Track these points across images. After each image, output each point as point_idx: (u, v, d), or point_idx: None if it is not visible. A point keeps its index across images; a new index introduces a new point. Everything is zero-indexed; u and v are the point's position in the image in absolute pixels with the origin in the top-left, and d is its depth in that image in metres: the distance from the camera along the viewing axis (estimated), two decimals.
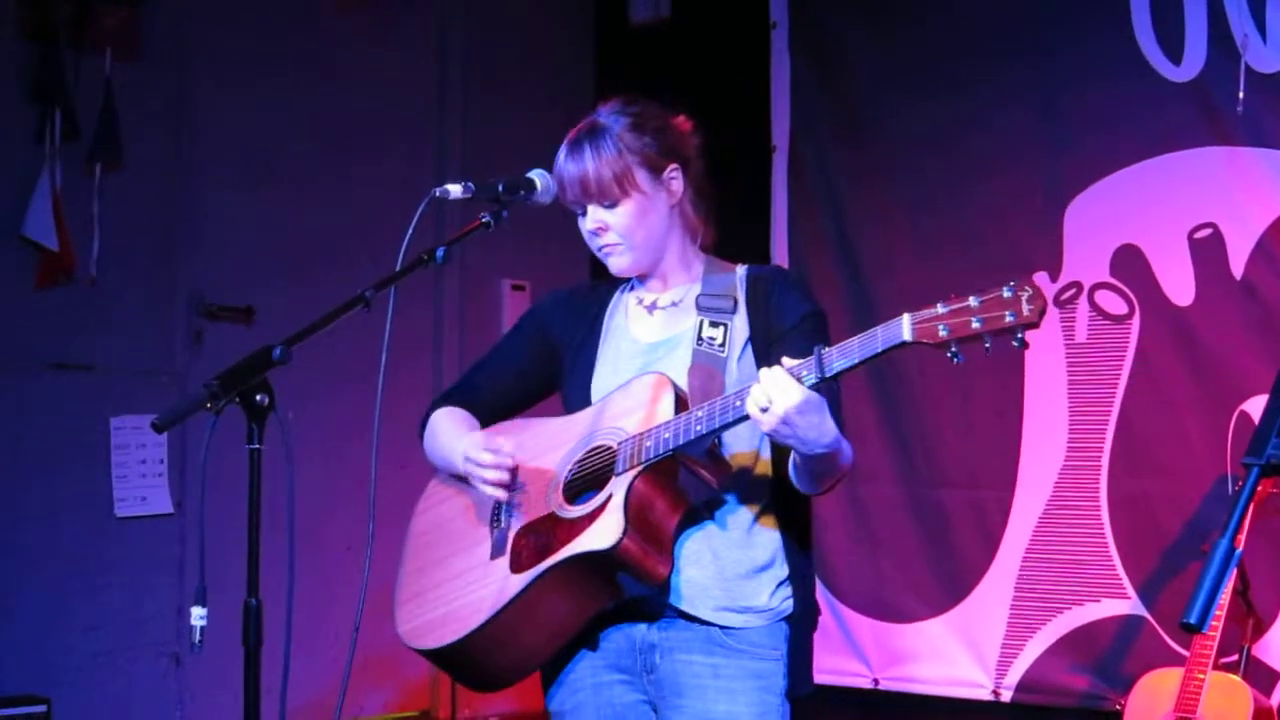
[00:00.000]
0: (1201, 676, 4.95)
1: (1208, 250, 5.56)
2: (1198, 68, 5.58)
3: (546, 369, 3.92)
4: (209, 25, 6.19)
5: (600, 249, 3.74)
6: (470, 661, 3.75)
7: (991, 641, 5.99)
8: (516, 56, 7.00)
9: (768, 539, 3.63)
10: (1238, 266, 5.49)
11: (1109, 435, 5.78)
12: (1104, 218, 5.79)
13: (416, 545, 4.00)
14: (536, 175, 3.76)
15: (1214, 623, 4.96)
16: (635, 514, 3.48)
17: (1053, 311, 5.87)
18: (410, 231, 3.63)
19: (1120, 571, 5.74)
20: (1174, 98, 5.63)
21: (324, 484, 6.08)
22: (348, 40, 6.55)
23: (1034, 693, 5.92)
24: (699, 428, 3.42)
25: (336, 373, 5.97)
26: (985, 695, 6.01)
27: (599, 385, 3.76)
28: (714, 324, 3.67)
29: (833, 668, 6.34)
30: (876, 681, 6.29)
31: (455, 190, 3.69)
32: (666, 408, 3.53)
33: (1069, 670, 5.83)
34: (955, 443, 6.10)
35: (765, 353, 3.61)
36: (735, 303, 3.70)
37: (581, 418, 3.74)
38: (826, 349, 3.25)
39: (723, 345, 3.64)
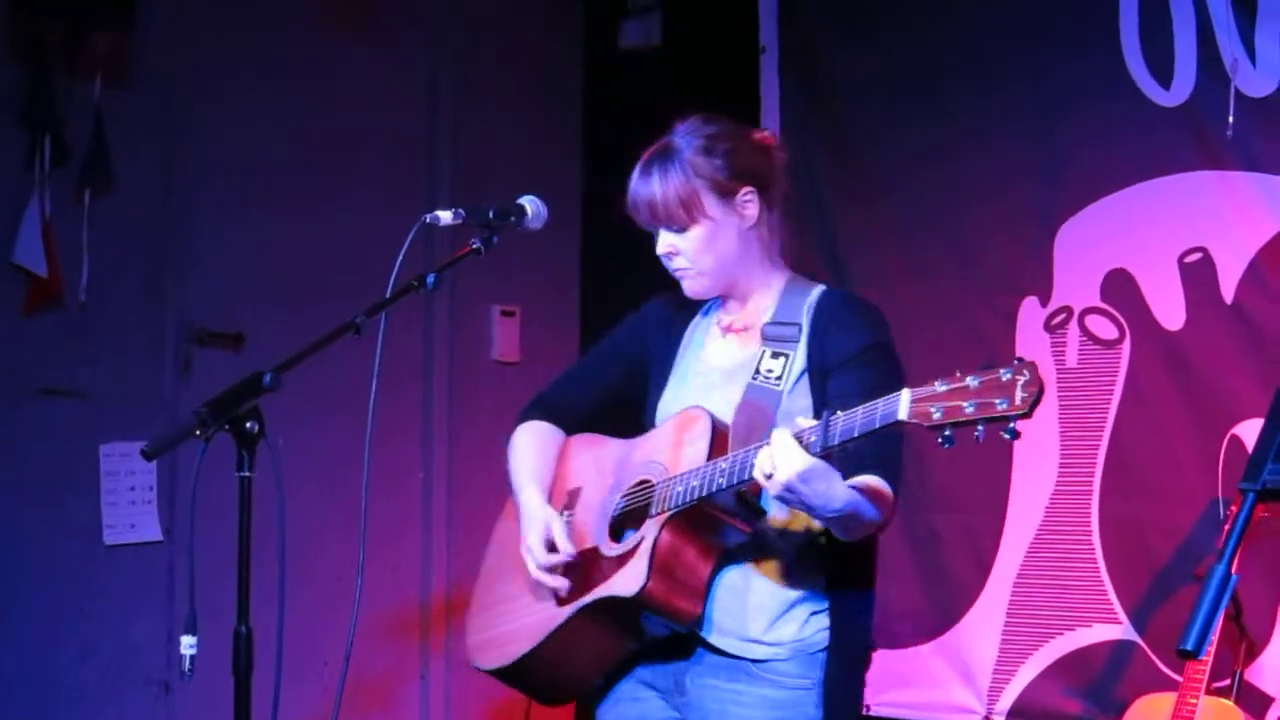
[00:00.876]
0: (1194, 701, 4.94)
1: (1198, 274, 5.56)
2: (1187, 91, 5.58)
3: (636, 380, 3.91)
4: (200, 51, 6.18)
5: (673, 272, 3.74)
6: (522, 683, 3.85)
7: (983, 667, 5.97)
8: (507, 82, 7.00)
9: (811, 573, 3.61)
10: (1228, 290, 5.49)
11: (1100, 459, 5.77)
12: (1094, 242, 5.79)
13: (492, 554, 4.07)
14: (527, 201, 3.77)
15: (1207, 648, 4.95)
16: (661, 561, 3.49)
17: (1043, 336, 5.87)
18: (401, 258, 3.63)
19: (1112, 596, 5.72)
20: (1164, 122, 5.63)
21: (314, 511, 6.07)
22: (339, 66, 6.55)
23: (1026, 718, 5.90)
24: (720, 481, 3.41)
25: (327, 399, 5.95)
26: None
27: (663, 407, 3.78)
28: (775, 354, 3.64)
29: None
30: (868, 707, 6.25)
31: (446, 217, 3.70)
32: (699, 449, 3.53)
33: (1061, 695, 5.81)
34: (945, 467, 6.09)
35: (820, 385, 3.60)
36: (799, 330, 3.66)
37: (637, 444, 3.78)
38: (836, 414, 3.23)
39: (779, 379, 3.61)
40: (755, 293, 3.78)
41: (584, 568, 3.67)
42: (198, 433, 3.33)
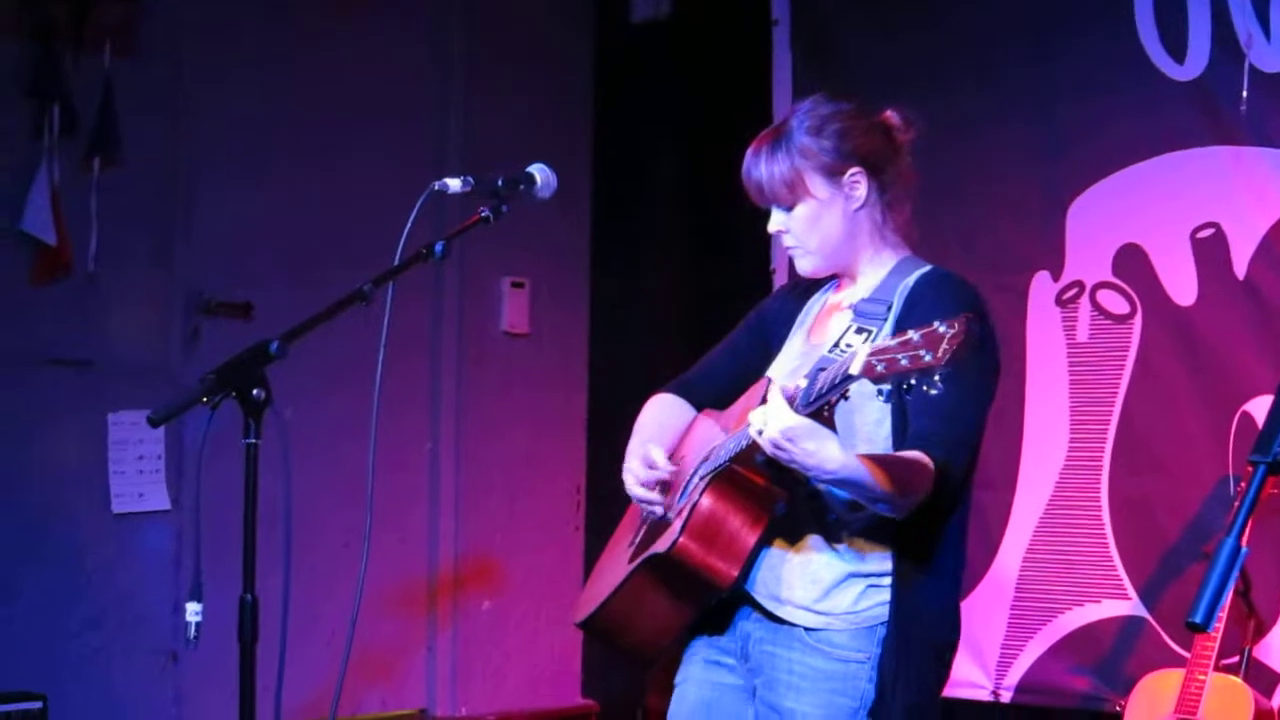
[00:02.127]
0: (1202, 678, 4.93)
1: (1210, 250, 5.54)
2: (1201, 67, 5.56)
3: (759, 365, 3.89)
4: (208, 20, 6.17)
5: (786, 250, 3.75)
6: (600, 638, 3.87)
7: (991, 642, 5.97)
8: (516, 53, 6.98)
9: (876, 546, 3.57)
10: (1240, 266, 5.48)
11: (1110, 435, 5.76)
12: (1106, 217, 5.77)
13: (622, 522, 4.06)
14: (536, 170, 3.75)
15: (1215, 624, 4.94)
16: (698, 521, 3.50)
17: (1054, 311, 5.86)
18: (409, 226, 3.62)
19: (1121, 572, 5.72)
20: (1177, 97, 5.61)
21: (321, 480, 6.07)
22: (347, 36, 6.54)
23: (1034, 694, 5.90)
24: (744, 441, 3.40)
25: (335, 369, 5.95)
26: (985, 696, 5.99)
27: None
28: (860, 330, 3.60)
29: None
30: None
31: (454, 185, 3.68)
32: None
33: (1069, 671, 5.81)
34: None
35: None
36: (889, 309, 3.62)
37: (725, 415, 3.80)
38: (819, 373, 3.22)
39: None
40: (866, 272, 3.75)
41: (654, 531, 3.71)
42: (204, 400, 3.33)
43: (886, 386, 3.05)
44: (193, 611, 3.37)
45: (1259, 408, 5.39)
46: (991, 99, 6.08)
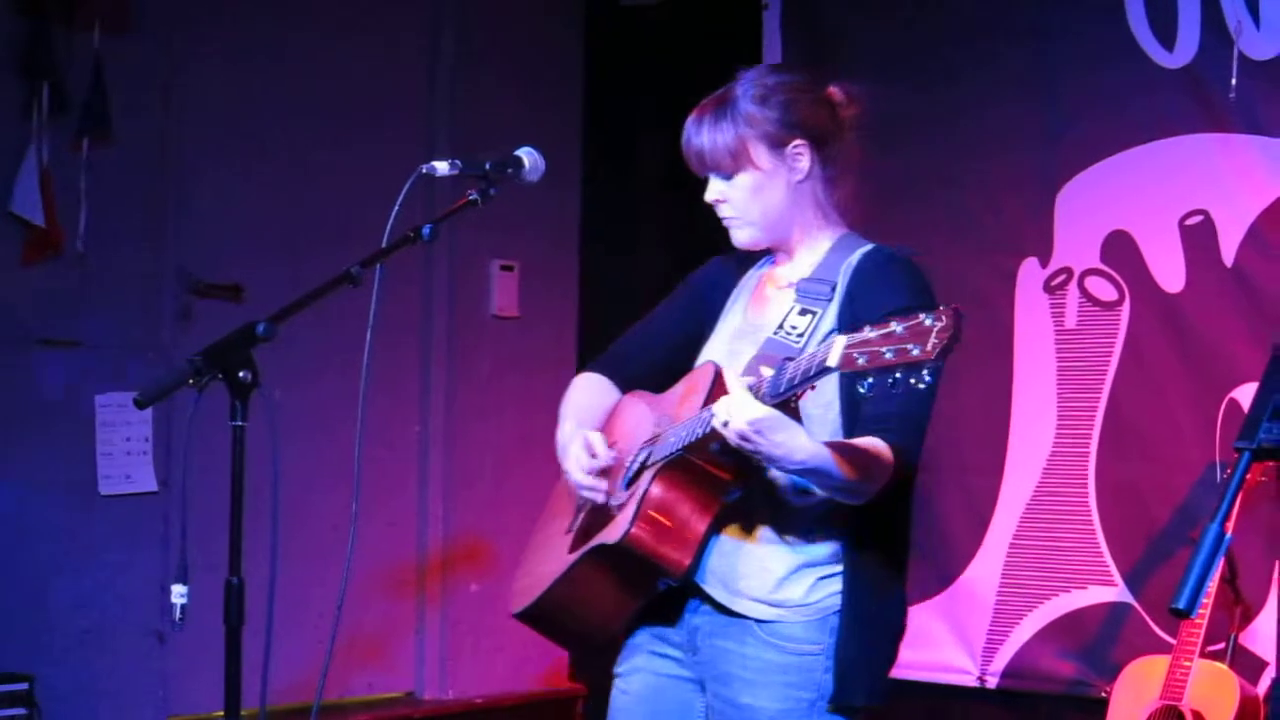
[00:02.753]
0: (1188, 664, 4.95)
1: (1199, 237, 5.56)
2: (1191, 54, 5.57)
3: (693, 339, 3.85)
4: (200, 0, 6.16)
5: (722, 220, 3.70)
6: (542, 627, 3.84)
7: (978, 628, 5.98)
8: (506, 35, 6.97)
9: (826, 535, 3.54)
10: (1229, 253, 5.49)
11: (1098, 421, 5.77)
12: (1095, 203, 5.78)
13: (549, 502, 4.02)
14: (524, 153, 3.74)
15: (1201, 610, 4.96)
16: (649, 510, 3.46)
17: (1042, 298, 5.87)
18: (397, 209, 3.62)
19: (1108, 558, 5.73)
20: (1167, 84, 5.62)
21: (309, 462, 6.06)
22: (338, 17, 6.52)
23: (1020, 679, 5.92)
24: (699, 430, 3.38)
25: (324, 351, 5.95)
26: (971, 682, 6.01)
27: (699, 362, 3.75)
28: (804, 311, 3.57)
29: None
30: None
31: (442, 167, 3.67)
32: (697, 401, 3.49)
33: (1055, 657, 5.82)
34: (943, 428, 6.04)
35: None
36: (833, 289, 3.59)
37: (663, 398, 3.74)
38: (788, 363, 3.18)
39: (801, 335, 3.53)
40: (804, 248, 3.70)
41: (596, 519, 3.67)
42: (190, 381, 3.32)
43: (869, 379, 3.03)
44: (178, 594, 3.37)
45: (1246, 394, 5.40)
46: (981, 85, 6.08)
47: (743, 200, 3.63)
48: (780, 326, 3.57)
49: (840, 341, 3.04)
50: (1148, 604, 5.62)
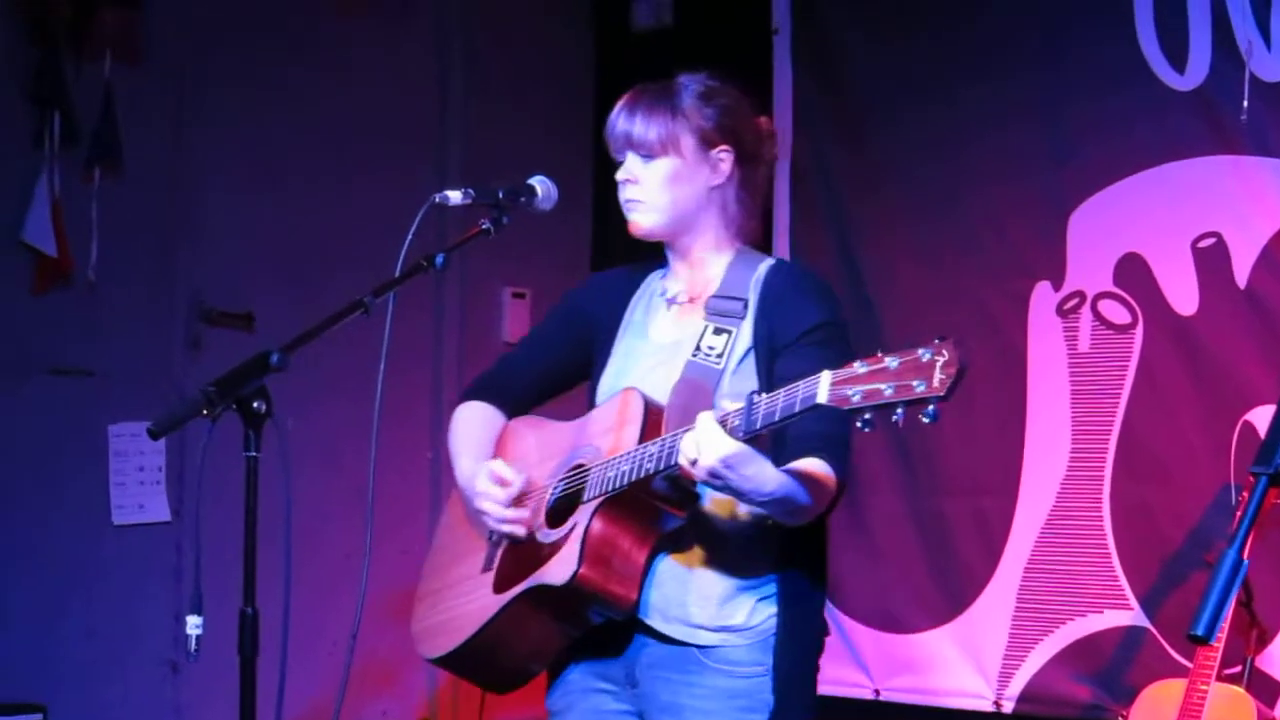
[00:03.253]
0: (1205, 688, 4.92)
1: (1212, 259, 5.54)
2: (1202, 75, 5.56)
3: (579, 357, 3.85)
4: (210, 29, 6.16)
5: (625, 202, 3.68)
6: (466, 670, 3.82)
7: (993, 652, 5.96)
8: (518, 62, 6.98)
9: (758, 557, 3.55)
10: (1242, 276, 5.47)
11: (1112, 444, 5.75)
12: (1107, 226, 5.77)
13: (439, 538, 4.00)
14: (537, 181, 3.73)
15: (1218, 634, 4.93)
16: (594, 548, 3.43)
17: (1055, 321, 5.85)
18: (410, 237, 3.61)
19: (1123, 582, 5.71)
20: (1178, 106, 5.60)
21: (321, 491, 6.06)
22: (349, 45, 6.53)
23: (1036, 704, 5.89)
24: (649, 465, 3.35)
25: (335, 380, 5.95)
26: (987, 706, 5.99)
27: (605, 386, 3.72)
28: (718, 330, 3.57)
29: (834, 678, 6.30)
30: (878, 692, 6.26)
31: (455, 196, 3.67)
32: (631, 432, 3.47)
33: (1071, 681, 5.80)
34: (957, 452, 6.08)
35: (768, 365, 3.54)
36: (745, 306, 3.60)
37: (576, 426, 3.71)
38: (759, 397, 3.16)
39: (720, 356, 3.54)
40: (702, 259, 3.69)
41: (522, 554, 3.63)
42: (204, 412, 3.31)
43: (866, 416, 2.99)
44: (193, 625, 3.36)
45: (1260, 417, 5.38)
46: (992, 108, 6.07)
47: (656, 185, 3.63)
48: (698, 348, 3.56)
49: (826, 377, 3.03)
50: (1163, 627, 5.59)
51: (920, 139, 6.24)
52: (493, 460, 3.73)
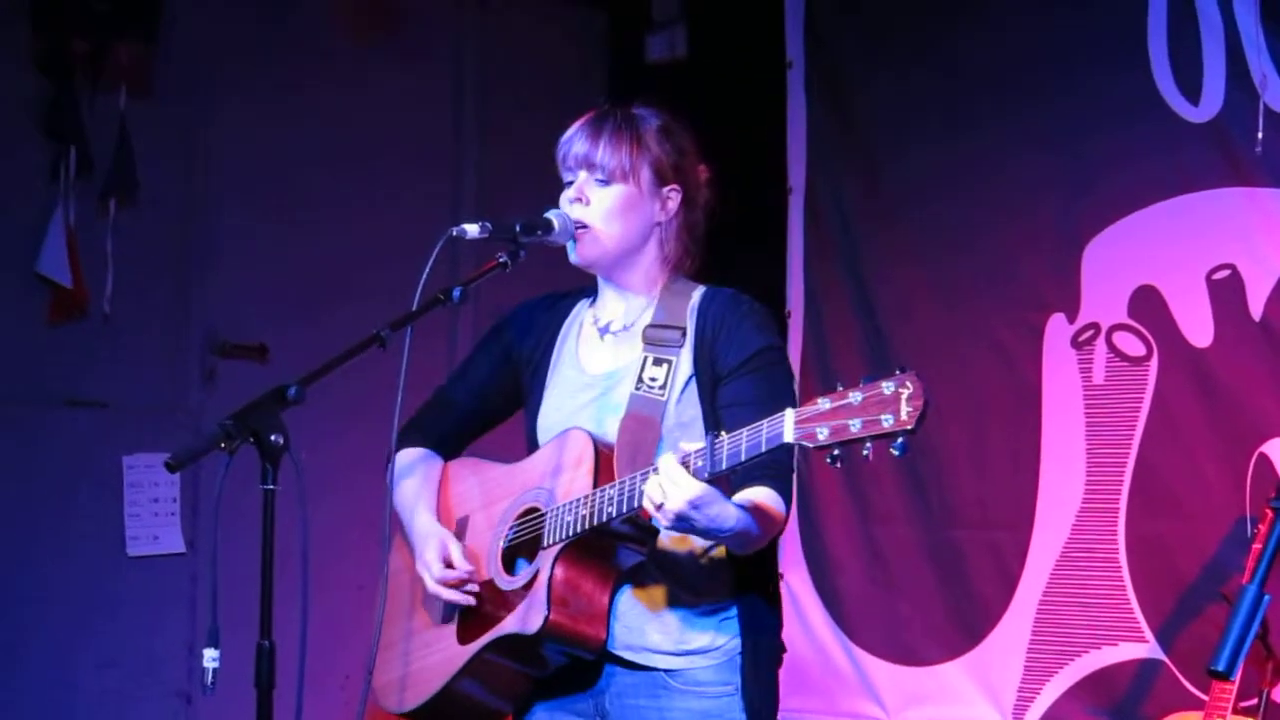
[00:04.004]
0: None
1: (1226, 291, 5.53)
2: (1216, 108, 5.55)
3: (510, 387, 3.88)
4: (224, 61, 6.19)
5: (572, 224, 3.68)
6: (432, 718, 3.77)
7: (1008, 685, 5.94)
8: (532, 93, 6.99)
9: (715, 580, 3.58)
10: (1257, 307, 5.46)
11: (1127, 477, 5.74)
12: (1122, 259, 5.76)
13: (391, 585, 3.92)
14: (554, 215, 3.73)
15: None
16: (559, 595, 3.46)
17: (1070, 353, 5.84)
18: (426, 272, 3.61)
19: (1138, 614, 5.69)
20: (1192, 138, 5.60)
21: (334, 523, 6.04)
22: (363, 76, 6.55)
23: None
24: (610, 510, 3.36)
25: (349, 412, 5.94)
26: None
27: (545, 422, 3.73)
28: (658, 361, 3.59)
29: (848, 710, 6.30)
30: None
31: (472, 230, 3.67)
32: (584, 475, 3.48)
33: (1086, 714, 5.78)
34: (971, 484, 6.07)
35: (710, 392, 3.56)
36: (683, 334, 3.61)
37: (522, 469, 3.71)
38: (720, 438, 3.17)
39: (663, 387, 3.56)
40: (635, 289, 3.72)
41: (483, 603, 3.65)
42: (222, 445, 3.31)
43: (835, 452, 3.00)
44: (210, 657, 3.35)
45: (1276, 449, 5.37)
46: (1005, 140, 6.07)
47: (608, 211, 3.65)
48: (640, 380, 3.57)
49: (790, 416, 3.04)
50: (1179, 660, 5.57)
51: (934, 171, 6.23)
52: (451, 539, 3.74)
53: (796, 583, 6.45)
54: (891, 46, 6.41)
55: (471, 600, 3.67)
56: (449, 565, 3.69)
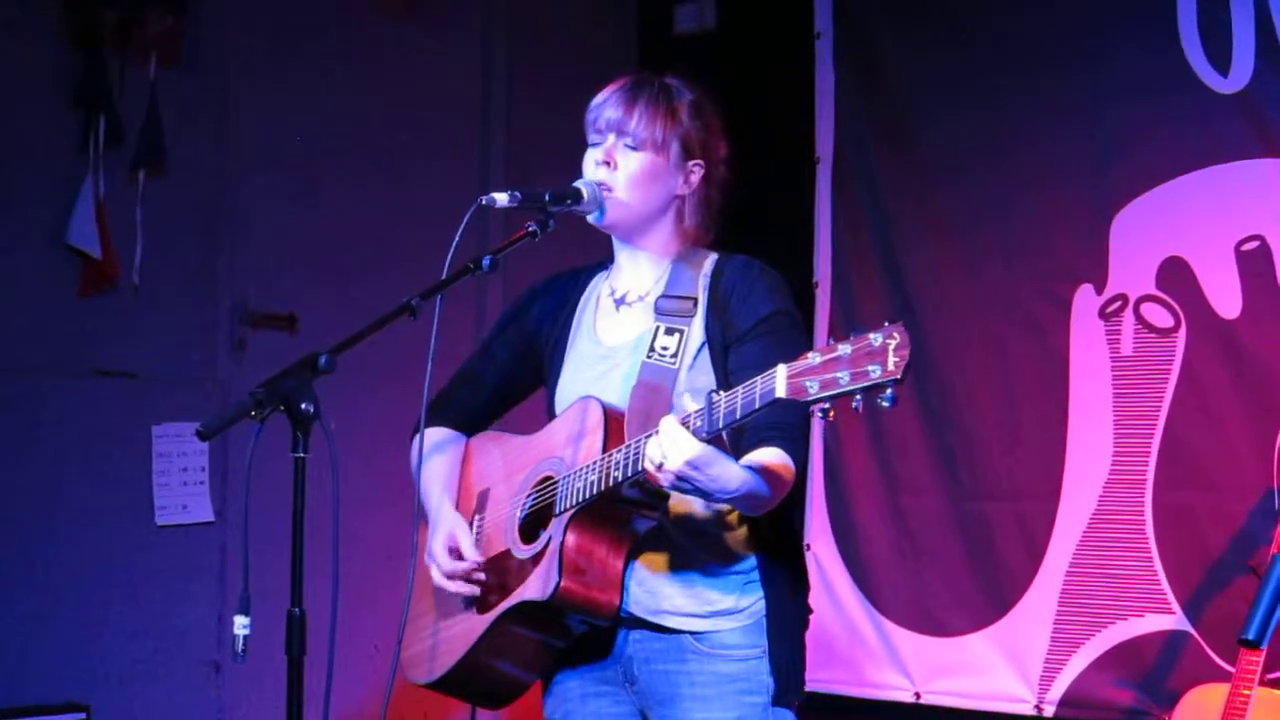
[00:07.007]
0: (1247, 693, 4.91)
1: (1255, 262, 5.52)
2: (1245, 79, 5.54)
3: (530, 364, 3.91)
4: (253, 31, 6.19)
5: (598, 186, 3.69)
6: (458, 691, 3.85)
7: (1035, 656, 5.95)
8: (560, 64, 6.99)
9: (738, 541, 3.60)
10: None
11: (1154, 448, 5.74)
12: (1150, 230, 5.75)
13: (420, 563, 3.95)
14: (583, 185, 3.73)
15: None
16: (571, 560, 3.47)
17: (1098, 324, 5.84)
18: (456, 242, 3.62)
19: (1165, 586, 5.69)
20: (1221, 109, 5.59)
21: (364, 491, 6.06)
22: (392, 46, 6.55)
23: (1077, 708, 5.88)
24: (616, 474, 3.38)
25: (378, 380, 5.96)
26: (1028, 710, 5.97)
27: (563, 393, 3.75)
28: (670, 330, 3.60)
29: (875, 680, 6.31)
30: (918, 695, 6.26)
31: (502, 199, 3.67)
32: (594, 441, 3.50)
33: (1113, 685, 5.79)
34: (999, 455, 6.07)
35: (722, 359, 3.57)
36: (695, 304, 3.63)
37: (539, 439, 3.74)
38: (719, 395, 3.18)
39: (675, 355, 3.58)
40: (650, 257, 3.75)
41: (500, 572, 3.66)
42: (252, 414, 3.33)
43: (826, 406, 3.01)
44: (241, 625, 3.37)
45: None
46: (1034, 112, 6.06)
47: (634, 176, 3.67)
48: (651, 349, 3.59)
49: (782, 371, 3.05)
50: (1205, 631, 5.57)
51: (962, 143, 6.23)
52: (462, 529, 3.77)
53: (823, 553, 6.46)
54: (920, 18, 6.40)
55: (477, 590, 3.70)
56: (458, 556, 3.71)
